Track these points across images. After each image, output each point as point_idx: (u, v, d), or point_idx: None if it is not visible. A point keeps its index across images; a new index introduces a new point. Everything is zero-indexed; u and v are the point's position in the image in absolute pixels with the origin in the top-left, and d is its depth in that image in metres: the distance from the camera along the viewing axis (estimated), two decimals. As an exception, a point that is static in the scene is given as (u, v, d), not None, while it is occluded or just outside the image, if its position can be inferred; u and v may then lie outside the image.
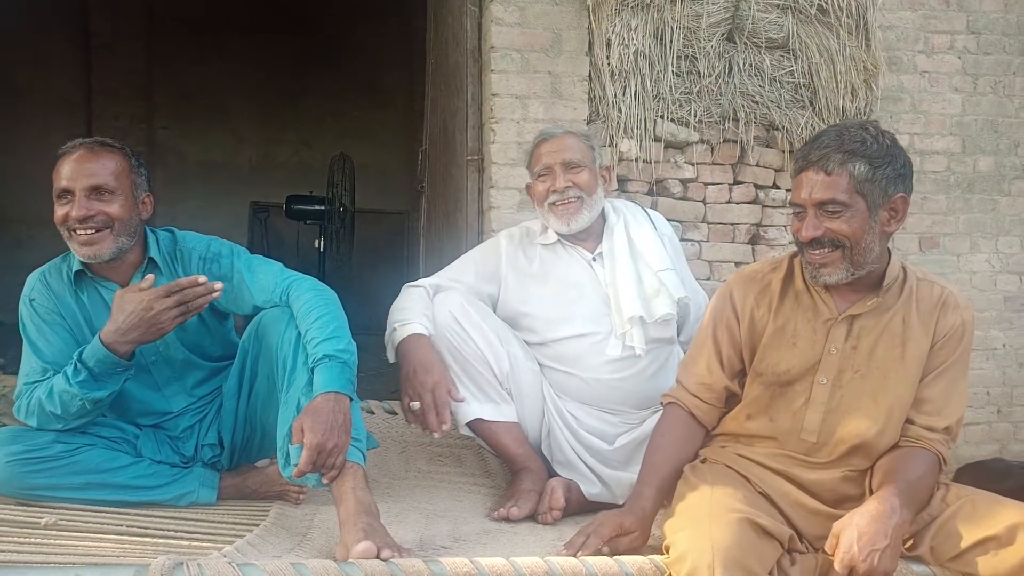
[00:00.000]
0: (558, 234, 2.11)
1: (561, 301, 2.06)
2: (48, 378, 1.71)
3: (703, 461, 1.63)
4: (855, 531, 1.35)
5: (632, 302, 1.99)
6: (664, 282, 2.03)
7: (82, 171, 1.73)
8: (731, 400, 1.67)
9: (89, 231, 1.72)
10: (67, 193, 1.73)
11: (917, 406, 1.53)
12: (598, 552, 1.49)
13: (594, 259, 2.10)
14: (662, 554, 1.42)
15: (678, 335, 2.15)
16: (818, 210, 1.49)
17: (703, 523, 1.37)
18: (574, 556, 1.46)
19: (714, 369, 1.64)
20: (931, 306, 1.55)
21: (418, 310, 2.02)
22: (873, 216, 1.48)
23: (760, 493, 1.53)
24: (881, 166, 1.46)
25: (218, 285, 1.67)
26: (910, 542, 1.46)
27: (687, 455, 1.65)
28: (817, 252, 1.50)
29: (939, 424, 1.51)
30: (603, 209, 2.15)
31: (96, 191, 1.73)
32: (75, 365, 1.65)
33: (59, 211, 1.74)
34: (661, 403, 1.72)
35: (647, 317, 2.00)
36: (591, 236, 2.12)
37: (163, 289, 1.64)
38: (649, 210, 2.25)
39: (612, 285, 2.04)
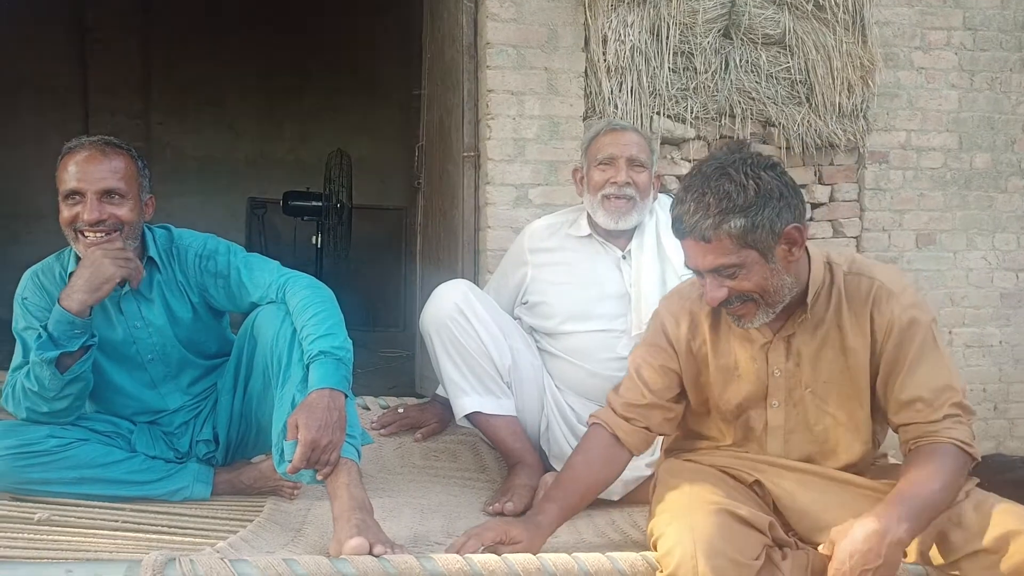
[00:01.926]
0: (594, 228, 2.10)
1: (582, 296, 2.07)
2: None
3: (682, 459, 1.62)
4: (849, 547, 1.31)
5: (653, 306, 1.98)
6: None
7: (93, 173, 1.71)
8: (659, 422, 1.60)
9: (99, 234, 1.72)
10: (76, 194, 1.71)
11: (907, 407, 1.45)
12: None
13: (623, 257, 2.10)
14: (652, 550, 1.42)
15: None
16: (713, 275, 1.43)
17: (684, 516, 1.37)
18: (456, 554, 1.42)
19: (645, 393, 1.58)
20: (861, 303, 1.47)
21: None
22: (770, 260, 1.41)
23: (751, 485, 1.52)
24: (757, 213, 1.37)
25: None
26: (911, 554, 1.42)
27: (603, 479, 1.60)
28: (731, 307, 1.45)
29: (938, 414, 1.42)
30: None
31: (107, 194, 1.72)
32: (39, 332, 1.67)
33: (67, 212, 1.72)
34: (587, 423, 1.65)
35: None
36: (624, 234, 2.11)
37: (106, 243, 1.69)
38: None
39: (636, 285, 2.04)
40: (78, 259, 1.76)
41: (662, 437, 1.71)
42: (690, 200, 1.39)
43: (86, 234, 1.72)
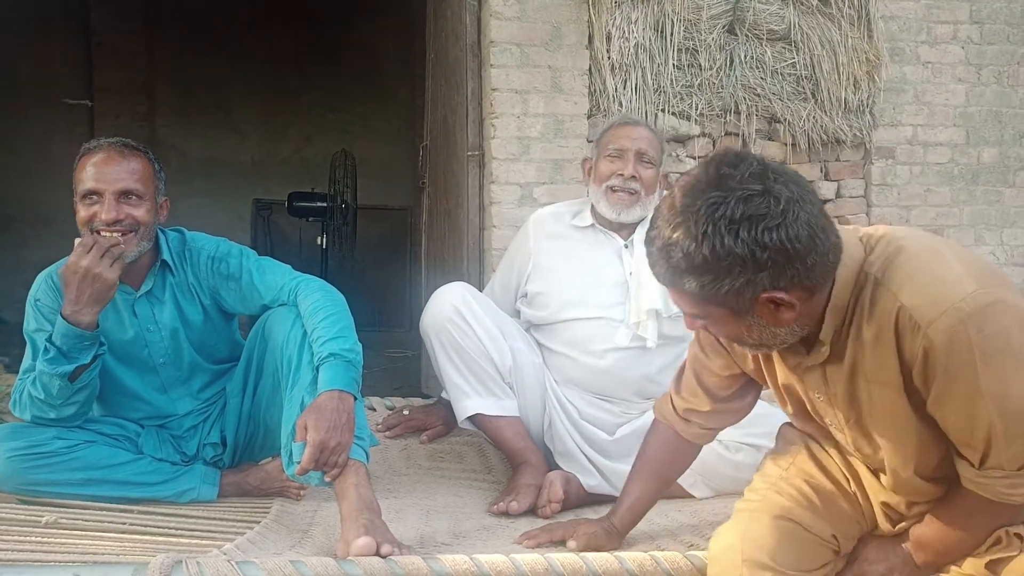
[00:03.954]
0: (597, 219, 2.10)
1: (580, 283, 2.06)
2: None
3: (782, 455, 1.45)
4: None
5: (652, 294, 1.98)
6: None
7: (112, 173, 1.72)
8: (727, 420, 1.50)
9: (116, 234, 1.72)
10: (94, 194, 1.71)
11: (958, 445, 1.20)
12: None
13: (625, 246, 2.09)
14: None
15: None
16: (685, 316, 1.22)
17: (743, 521, 1.32)
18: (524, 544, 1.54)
19: (707, 402, 1.45)
20: (885, 331, 1.16)
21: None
22: (745, 318, 1.13)
23: (837, 481, 1.38)
24: (713, 281, 1.08)
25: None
26: None
27: (673, 474, 1.58)
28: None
29: (990, 463, 1.16)
30: None
31: (125, 195, 1.73)
32: (45, 346, 1.66)
33: (84, 212, 1.72)
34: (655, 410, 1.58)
35: (664, 311, 1.99)
36: (627, 225, 2.10)
37: (80, 248, 1.66)
38: None
39: (636, 274, 2.03)
40: None
41: None
42: (655, 233, 1.13)
43: (103, 234, 1.71)
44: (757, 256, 1.06)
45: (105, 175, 1.71)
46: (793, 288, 1.10)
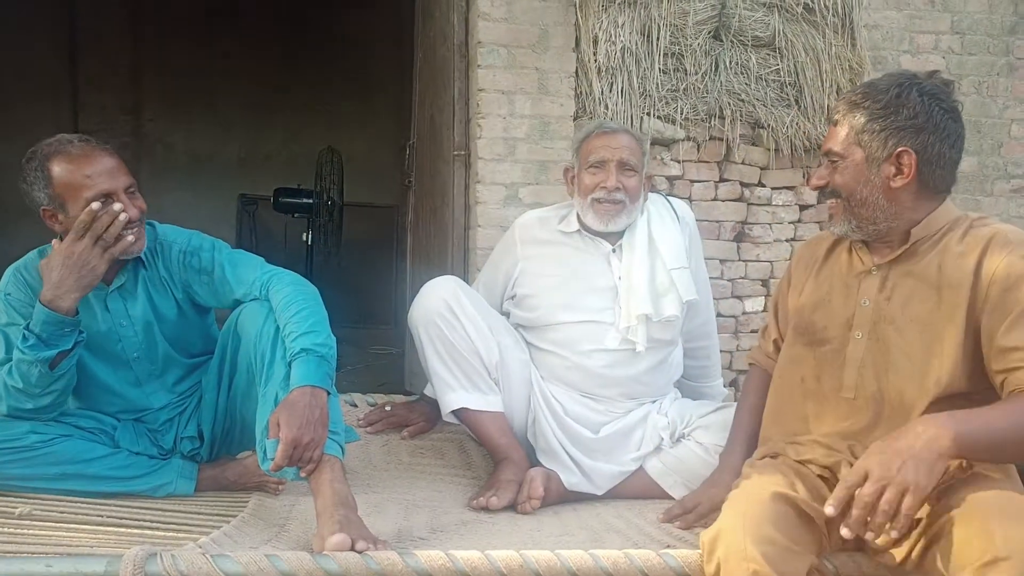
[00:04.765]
0: (583, 226, 2.10)
1: (569, 289, 2.07)
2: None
3: (765, 457, 1.59)
4: (897, 461, 1.21)
5: (642, 299, 2.00)
6: (675, 281, 2.02)
7: (114, 171, 1.70)
8: None
9: (135, 228, 1.72)
10: (107, 196, 1.68)
11: (1007, 355, 1.34)
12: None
13: (613, 251, 2.09)
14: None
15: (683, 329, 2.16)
16: (826, 160, 1.51)
17: (739, 503, 1.37)
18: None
19: (775, 329, 1.75)
20: (973, 246, 1.42)
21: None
22: (871, 168, 1.45)
23: (819, 476, 1.48)
24: (879, 118, 1.42)
25: (117, 206, 1.65)
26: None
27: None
28: (829, 202, 1.53)
29: None
30: None
31: (128, 190, 1.72)
32: (24, 333, 1.65)
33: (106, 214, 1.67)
34: (747, 363, 1.87)
35: (653, 316, 2.00)
36: (615, 231, 2.10)
37: (73, 233, 1.63)
38: (671, 199, 2.23)
39: (626, 279, 2.04)
40: None
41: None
42: (857, 86, 1.54)
43: (127, 236, 1.70)
44: (919, 116, 1.41)
45: (108, 174, 1.69)
46: (922, 162, 1.43)
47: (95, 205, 1.63)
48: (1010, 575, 1.17)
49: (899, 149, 1.43)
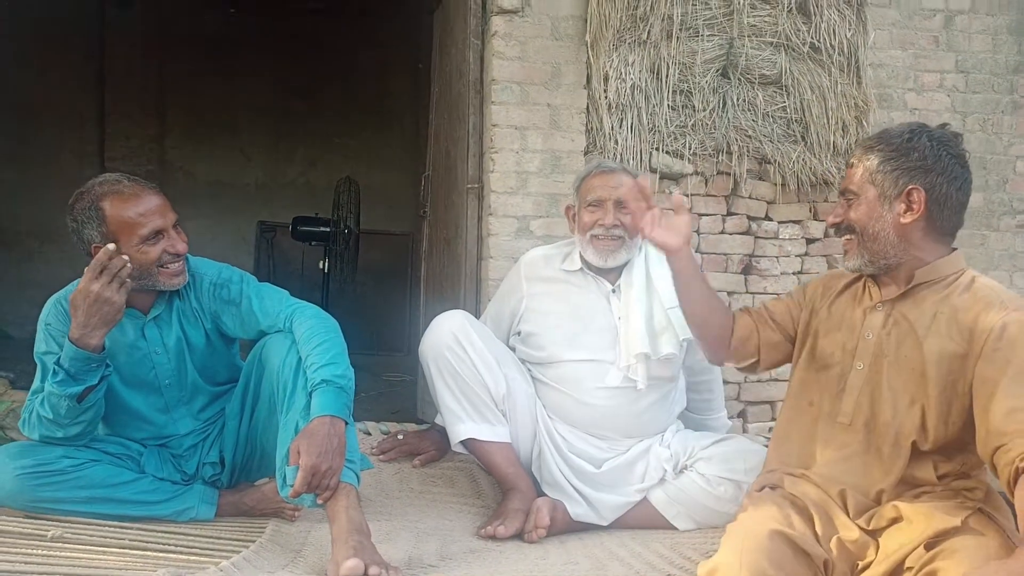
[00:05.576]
0: (585, 263, 2.17)
1: (572, 327, 2.13)
2: None
3: (764, 488, 1.63)
4: None
5: (640, 339, 2.05)
6: (672, 320, 2.07)
7: (163, 209, 1.81)
8: (760, 337, 1.77)
9: (179, 262, 1.83)
10: (159, 233, 1.79)
11: (1009, 417, 1.35)
12: None
13: (613, 291, 2.16)
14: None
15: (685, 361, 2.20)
16: (843, 198, 1.62)
17: (737, 538, 1.41)
18: None
19: (764, 314, 1.78)
20: (972, 302, 1.47)
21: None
22: (884, 205, 1.54)
23: (804, 510, 1.52)
24: (891, 159, 1.54)
25: (124, 258, 1.70)
26: None
27: (717, 308, 1.78)
28: (844, 238, 1.62)
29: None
30: None
31: (174, 226, 1.84)
32: (54, 369, 1.72)
33: (153, 252, 1.78)
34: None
35: (652, 354, 2.06)
36: (615, 269, 2.17)
37: (90, 273, 1.69)
38: None
39: (625, 319, 2.10)
40: None
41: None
42: (873, 132, 1.67)
43: (168, 266, 1.81)
44: (928, 158, 1.52)
45: (158, 212, 1.80)
46: (930, 201, 1.52)
47: (111, 246, 1.71)
48: None
49: (910, 187, 1.53)
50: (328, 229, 5.37)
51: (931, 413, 1.49)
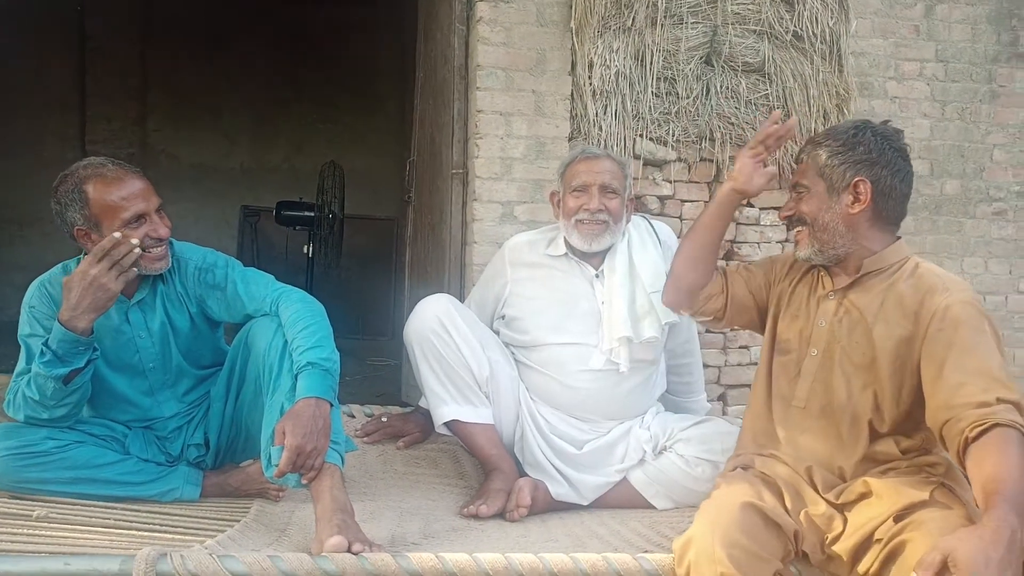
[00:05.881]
0: (570, 248, 2.20)
1: (556, 311, 2.16)
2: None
3: (736, 468, 1.69)
4: (982, 557, 1.19)
5: (623, 322, 2.08)
6: (655, 304, 2.10)
7: (147, 193, 1.80)
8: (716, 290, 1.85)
9: (162, 246, 1.83)
10: (141, 217, 1.78)
11: (956, 391, 1.41)
12: None
13: (596, 276, 2.18)
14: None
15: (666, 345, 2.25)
16: (794, 192, 1.69)
17: (710, 512, 1.47)
18: None
19: (732, 273, 1.85)
20: (916, 288, 1.56)
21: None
22: (832, 197, 1.62)
23: (774, 486, 1.58)
24: (839, 153, 1.61)
25: (134, 240, 1.72)
26: None
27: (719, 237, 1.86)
28: (795, 230, 1.70)
29: (989, 396, 1.38)
30: None
31: (158, 210, 1.83)
32: (41, 350, 1.73)
33: (134, 235, 1.76)
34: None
35: (634, 337, 2.09)
36: (599, 254, 2.19)
37: (92, 257, 1.69)
38: (653, 222, 2.31)
39: (608, 303, 2.13)
40: None
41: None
42: (822, 131, 1.73)
43: (151, 250, 1.80)
44: (873, 152, 1.60)
45: (141, 196, 1.79)
46: (876, 192, 1.59)
47: (117, 234, 1.71)
48: None
49: (856, 179, 1.61)
50: (312, 214, 5.36)
51: (884, 395, 1.57)
